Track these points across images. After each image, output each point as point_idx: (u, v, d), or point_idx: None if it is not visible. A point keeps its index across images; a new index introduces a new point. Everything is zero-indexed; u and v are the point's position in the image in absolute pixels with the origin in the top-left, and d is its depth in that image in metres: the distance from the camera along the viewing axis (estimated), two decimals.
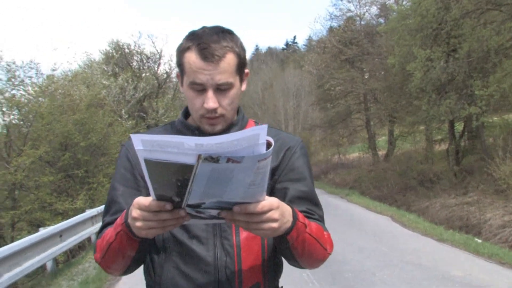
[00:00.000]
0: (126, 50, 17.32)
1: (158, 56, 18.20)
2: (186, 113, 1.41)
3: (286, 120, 44.10)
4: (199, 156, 0.84)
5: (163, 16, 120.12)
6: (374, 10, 25.50)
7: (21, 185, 9.77)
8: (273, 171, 1.33)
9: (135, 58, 17.85)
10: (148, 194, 1.13)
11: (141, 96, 15.76)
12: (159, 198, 0.95)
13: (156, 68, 18.24)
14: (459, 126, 18.94)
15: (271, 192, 1.32)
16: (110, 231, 1.20)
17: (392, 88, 20.47)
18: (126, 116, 14.68)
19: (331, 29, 28.15)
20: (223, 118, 1.29)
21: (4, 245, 6.50)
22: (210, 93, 1.23)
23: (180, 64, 1.28)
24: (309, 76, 33.42)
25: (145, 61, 17.96)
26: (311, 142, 35.71)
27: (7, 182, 9.24)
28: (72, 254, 9.25)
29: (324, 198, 15.87)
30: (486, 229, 12.14)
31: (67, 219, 8.40)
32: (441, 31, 14.55)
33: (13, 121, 9.45)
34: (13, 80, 9.76)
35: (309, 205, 1.33)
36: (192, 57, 1.23)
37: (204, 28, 1.27)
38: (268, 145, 0.92)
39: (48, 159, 10.27)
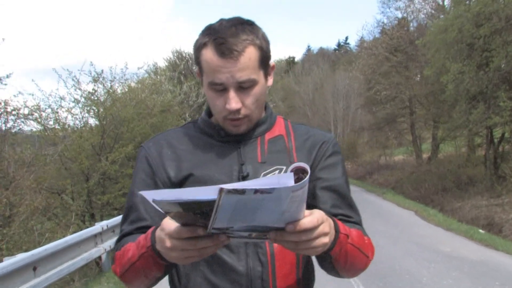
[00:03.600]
0: (190, 61, 20.19)
1: None
2: (210, 111, 1.32)
3: (335, 122, 45.79)
4: (221, 190, 0.77)
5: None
6: (427, 10, 26.96)
7: (109, 175, 12.58)
8: None
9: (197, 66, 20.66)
10: None
11: (202, 101, 18.55)
12: (184, 224, 0.90)
13: None
14: (497, 133, 20.42)
15: None
16: (132, 249, 1.12)
17: (434, 93, 22.21)
18: (189, 118, 17.52)
19: (383, 30, 29.87)
20: (248, 118, 1.23)
21: (90, 225, 8.85)
22: (231, 93, 1.16)
23: (197, 62, 1.22)
24: (358, 78, 35.29)
25: None
26: (358, 144, 37.66)
27: (100, 172, 12.07)
28: None
29: (362, 195, 18.00)
30: (506, 227, 13.97)
31: None
32: (473, 45, 16.34)
33: (106, 125, 12.25)
34: (103, 85, 12.68)
35: (344, 207, 1.29)
36: (208, 54, 1.15)
37: (221, 20, 1.19)
38: (305, 172, 0.89)
39: (130, 155, 13.06)
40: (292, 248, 0.95)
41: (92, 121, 13.00)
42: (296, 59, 73.76)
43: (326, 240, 0.97)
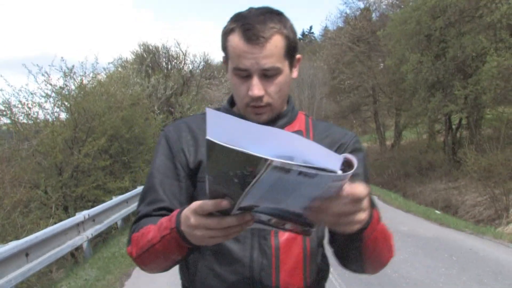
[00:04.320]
0: (157, 53, 20.54)
1: (183, 56, 21.41)
2: (232, 101, 1.34)
3: (300, 110, 46.52)
4: (269, 164, 0.74)
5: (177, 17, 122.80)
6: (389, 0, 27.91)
7: (82, 168, 12.91)
8: None
9: (163, 59, 21.09)
10: (186, 185, 1.25)
11: (170, 93, 18.94)
12: (212, 194, 0.87)
13: (181, 67, 21.44)
14: (455, 120, 21.51)
15: None
16: (153, 231, 1.11)
17: (396, 82, 23.19)
18: (158, 111, 17.91)
19: (347, 18, 30.67)
20: (270, 108, 1.23)
21: (68, 216, 9.34)
22: (255, 80, 1.17)
23: (224, 48, 1.23)
24: (322, 68, 36.18)
25: (172, 62, 21.20)
26: None
27: (72, 165, 12.39)
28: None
29: None
30: (461, 208, 15.01)
31: (116, 196, 11.37)
32: (431, 37, 17.27)
33: (78, 119, 12.56)
34: (73, 79, 12.97)
35: None
36: (235, 40, 1.17)
37: (250, 8, 1.22)
38: (349, 165, 0.84)
39: (102, 148, 13.39)
40: (333, 221, 0.91)
41: (64, 115, 13.31)
42: None
43: (366, 215, 0.93)
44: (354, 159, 0.84)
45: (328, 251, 1.33)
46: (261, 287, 1.21)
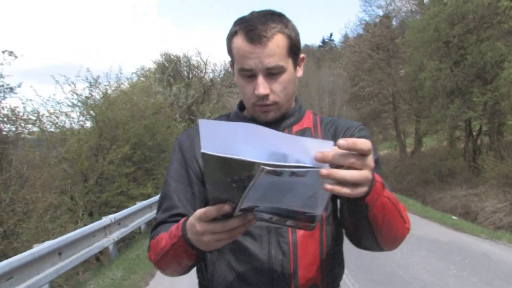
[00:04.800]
0: (178, 62, 21.13)
1: (204, 65, 21.95)
2: (242, 105, 1.40)
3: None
4: (261, 169, 0.79)
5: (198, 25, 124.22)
6: (408, 8, 28.10)
7: (107, 175, 13.42)
8: None
9: (185, 68, 21.68)
10: (199, 191, 1.30)
11: (191, 102, 19.46)
12: (213, 201, 0.93)
13: (202, 76, 22.00)
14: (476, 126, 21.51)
15: None
16: (165, 238, 1.18)
17: (415, 89, 23.30)
18: (179, 119, 18.45)
19: (367, 25, 30.87)
20: (277, 106, 1.27)
21: (93, 221, 9.84)
22: (260, 79, 1.21)
23: (229, 51, 1.28)
24: (343, 75, 36.39)
25: (193, 71, 21.77)
26: None
27: (97, 172, 12.91)
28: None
29: None
30: (481, 214, 15.05)
31: (139, 201, 11.80)
32: (449, 43, 17.42)
33: (103, 127, 13.11)
34: (97, 89, 13.54)
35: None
36: (239, 42, 1.22)
37: (253, 12, 1.27)
38: None
39: (126, 156, 13.90)
40: (340, 176, 0.86)
41: (89, 124, 13.89)
42: None
43: (368, 174, 0.90)
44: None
45: (344, 253, 1.39)
46: (280, 283, 1.24)
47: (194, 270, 1.33)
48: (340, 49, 44.43)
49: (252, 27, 1.19)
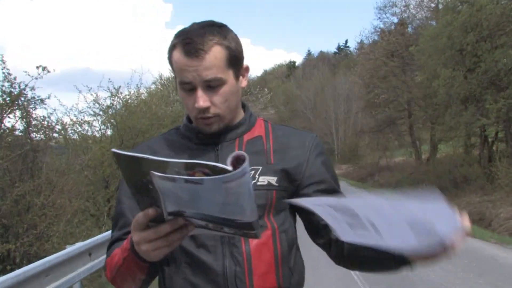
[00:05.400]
0: None
1: None
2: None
3: (336, 125, 46.95)
4: (152, 173, 0.82)
5: None
6: (422, 15, 28.41)
7: None
8: (290, 174, 1.31)
9: None
10: None
11: None
12: (141, 206, 0.95)
13: None
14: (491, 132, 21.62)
15: (300, 197, 1.24)
16: (118, 253, 1.20)
17: (430, 96, 23.53)
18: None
19: (382, 31, 31.13)
20: (219, 118, 1.27)
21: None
22: (199, 92, 1.21)
23: (170, 64, 1.27)
24: (358, 82, 36.71)
25: None
26: (359, 146, 39.01)
27: (118, 179, 13.47)
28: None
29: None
30: (495, 221, 15.26)
31: None
32: (463, 51, 17.70)
33: (123, 135, 13.71)
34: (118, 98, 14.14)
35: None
36: (177, 55, 1.21)
37: (193, 24, 1.26)
38: (238, 161, 0.88)
39: None
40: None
41: (109, 132, 14.50)
42: (296, 64, 75.32)
43: None
44: (244, 154, 0.87)
45: (304, 254, 1.43)
46: None
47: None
48: (356, 56, 44.73)
49: (189, 40, 1.19)
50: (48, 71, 7.38)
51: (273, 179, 1.28)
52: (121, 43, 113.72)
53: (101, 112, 13.94)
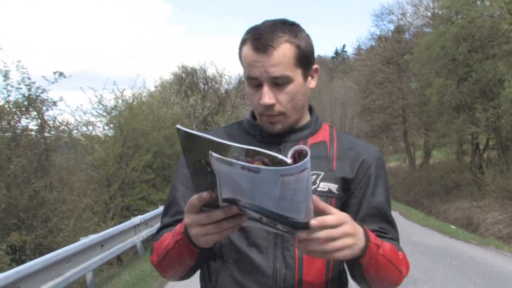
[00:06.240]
0: (195, 75, 22.53)
1: (219, 78, 23.33)
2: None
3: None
4: (211, 155, 0.81)
5: (213, 34, 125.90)
6: (418, 23, 29.18)
7: (128, 181, 14.63)
8: (348, 184, 1.29)
9: (201, 80, 23.05)
10: None
11: (206, 113, 20.74)
12: (196, 188, 0.95)
13: (218, 87, 23.39)
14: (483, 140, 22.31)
15: (343, 207, 1.28)
16: (168, 237, 1.20)
17: (424, 103, 24.25)
18: (196, 129, 19.71)
19: (380, 37, 31.88)
20: (283, 117, 1.26)
21: (123, 221, 11.05)
22: (265, 88, 1.21)
23: (240, 58, 1.28)
24: (354, 88, 37.41)
25: (209, 83, 23.14)
26: None
27: (120, 178, 14.11)
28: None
29: None
30: (482, 225, 15.93)
31: (157, 207, 12.94)
32: (455, 61, 18.42)
33: (126, 136, 14.36)
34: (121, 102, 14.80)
35: (382, 223, 1.30)
36: (246, 50, 1.23)
37: (265, 21, 1.27)
38: (300, 156, 0.87)
39: (146, 163, 15.11)
40: (318, 250, 0.98)
41: (112, 132, 15.15)
42: None
43: (350, 241, 1.00)
44: (306, 149, 0.86)
45: None
46: None
47: (198, 279, 1.37)
48: (353, 62, 45.42)
49: (259, 35, 1.20)
50: (65, 76, 8.01)
51: (334, 187, 1.28)
52: (121, 43, 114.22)
53: (104, 113, 14.60)
